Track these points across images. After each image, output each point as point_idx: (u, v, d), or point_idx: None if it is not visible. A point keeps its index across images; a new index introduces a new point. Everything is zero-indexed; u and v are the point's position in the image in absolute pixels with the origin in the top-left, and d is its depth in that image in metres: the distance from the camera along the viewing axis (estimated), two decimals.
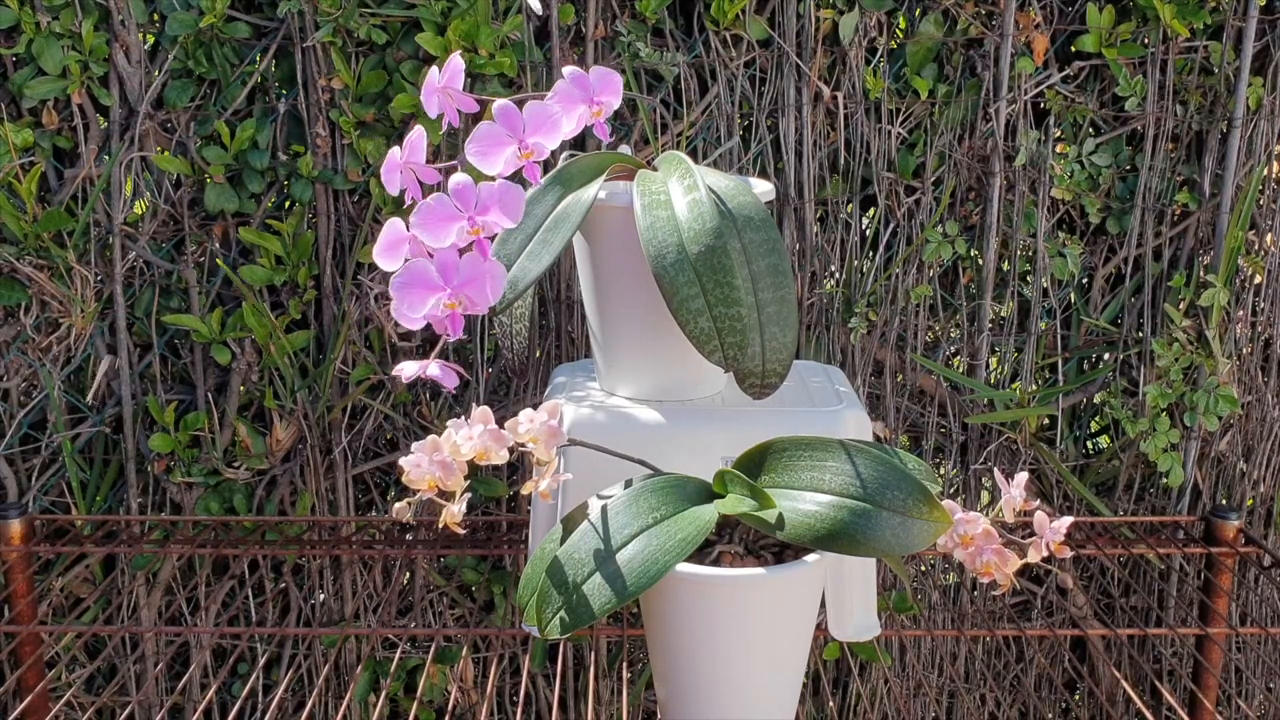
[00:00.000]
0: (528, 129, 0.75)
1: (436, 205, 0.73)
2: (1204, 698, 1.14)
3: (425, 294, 0.73)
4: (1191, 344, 1.22)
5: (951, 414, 1.28)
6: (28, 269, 1.15)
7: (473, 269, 0.73)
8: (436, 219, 0.73)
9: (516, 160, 0.75)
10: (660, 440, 0.83)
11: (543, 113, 0.75)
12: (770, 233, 0.78)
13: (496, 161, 0.75)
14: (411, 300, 0.73)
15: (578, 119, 0.77)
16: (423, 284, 0.73)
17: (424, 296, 0.73)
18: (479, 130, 0.74)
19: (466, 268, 0.73)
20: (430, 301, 0.73)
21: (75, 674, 1.30)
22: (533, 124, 0.75)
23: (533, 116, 0.75)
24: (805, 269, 1.22)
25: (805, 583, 0.73)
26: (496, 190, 0.73)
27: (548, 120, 0.76)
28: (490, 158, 0.75)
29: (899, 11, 1.19)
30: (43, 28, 1.11)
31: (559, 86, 0.77)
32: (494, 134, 0.75)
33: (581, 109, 0.78)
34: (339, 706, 1.34)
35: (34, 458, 1.23)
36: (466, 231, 0.73)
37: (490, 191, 0.73)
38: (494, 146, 0.75)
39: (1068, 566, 1.32)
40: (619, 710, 1.33)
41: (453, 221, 0.73)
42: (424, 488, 0.67)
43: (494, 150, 0.75)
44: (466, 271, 0.73)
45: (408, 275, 0.73)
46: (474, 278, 0.73)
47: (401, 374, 0.74)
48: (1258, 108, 1.20)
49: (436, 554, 1.20)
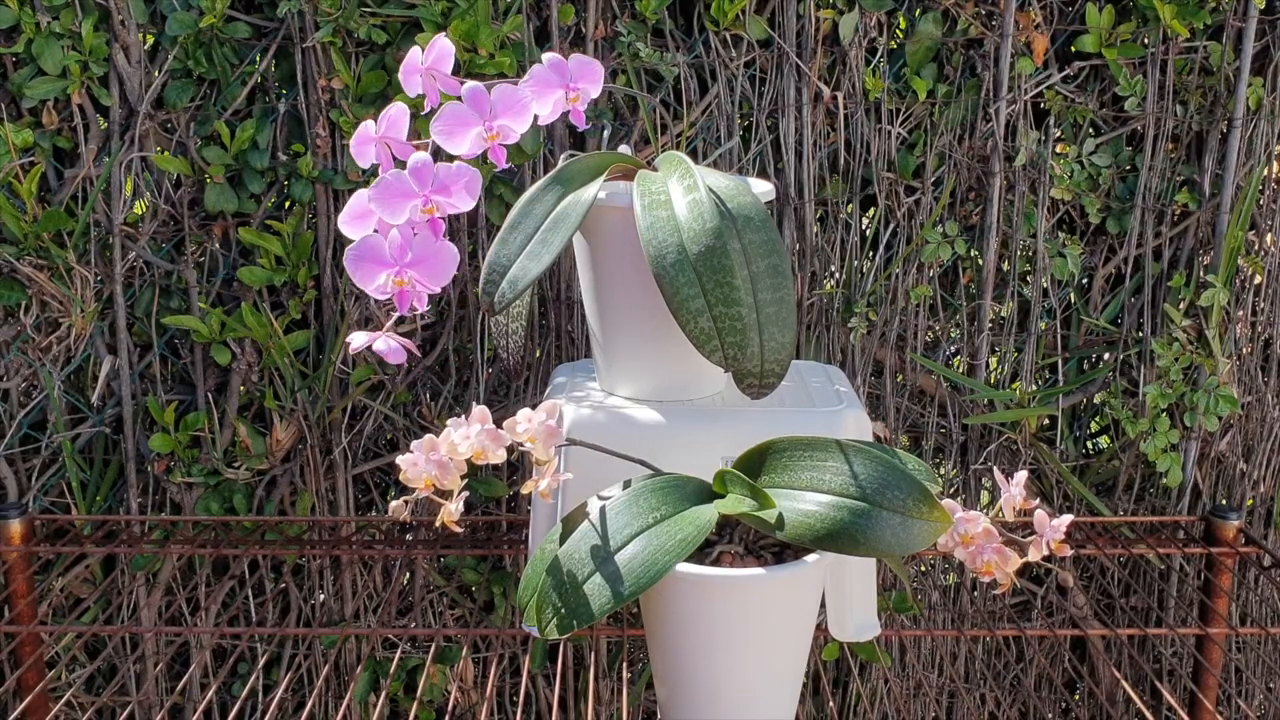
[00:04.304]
0: (495, 111, 0.75)
1: (394, 181, 0.73)
2: (1204, 698, 1.14)
3: (376, 269, 0.73)
4: (1191, 344, 1.22)
5: (951, 414, 1.28)
6: (28, 269, 1.15)
7: (425, 248, 0.73)
8: (392, 195, 0.73)
9: (482, 141, 0.74)
10: (660, 440, 0.83)
11: (511, 95, 0.75)
12: (770, 233, 0.78)
13: (462, 142, 0.75)
14: (362, 274, 0.74)
15: (553, 104, 0.77)
16: (374, 259, 0.73)
17: (374, 271, 0.73)
18: (445, 109, 0.74)
19: (419, 247, 0.73)
20: (380, 277, 0.73)
21: (75, 674, 1.30)
22: (501, 106, 0.75)
23: (501, 99, 0.75)
24: (805, 269, 1.22)
25: (805, 583, 0.73)
26: (455, 171, 0.73)
27: (516, 103, 0.75)
28: (455, 138, 0.75)
29: (899, 11, 1.19)
30: (43, 28, 1.11)
31: (535, 70, 0.77)
32: (460, 114, 0.74)
33: (558, 94, 0.77)
34: (339, 707, 1.34)
35: (34, 458, 1.24)
36: (420, 210, 0.73)
37: (449, 172, 0.73)
38: (459, 126, 0.74)
39: (1068, 566, 1.32)
40: (619, 710, 1.33)
41: (408, 199, 0.73)
42: (421, 487, 0.67)
43: (459, 130, 0.75)
44: (418, 251, 0.73)
45: (361, 248, 0.73)
46: (425, 257, 0.73)
47: (351, 343, 0.74)
48: (1258, 108, 1.20)
49: (436, 554, 1.20)
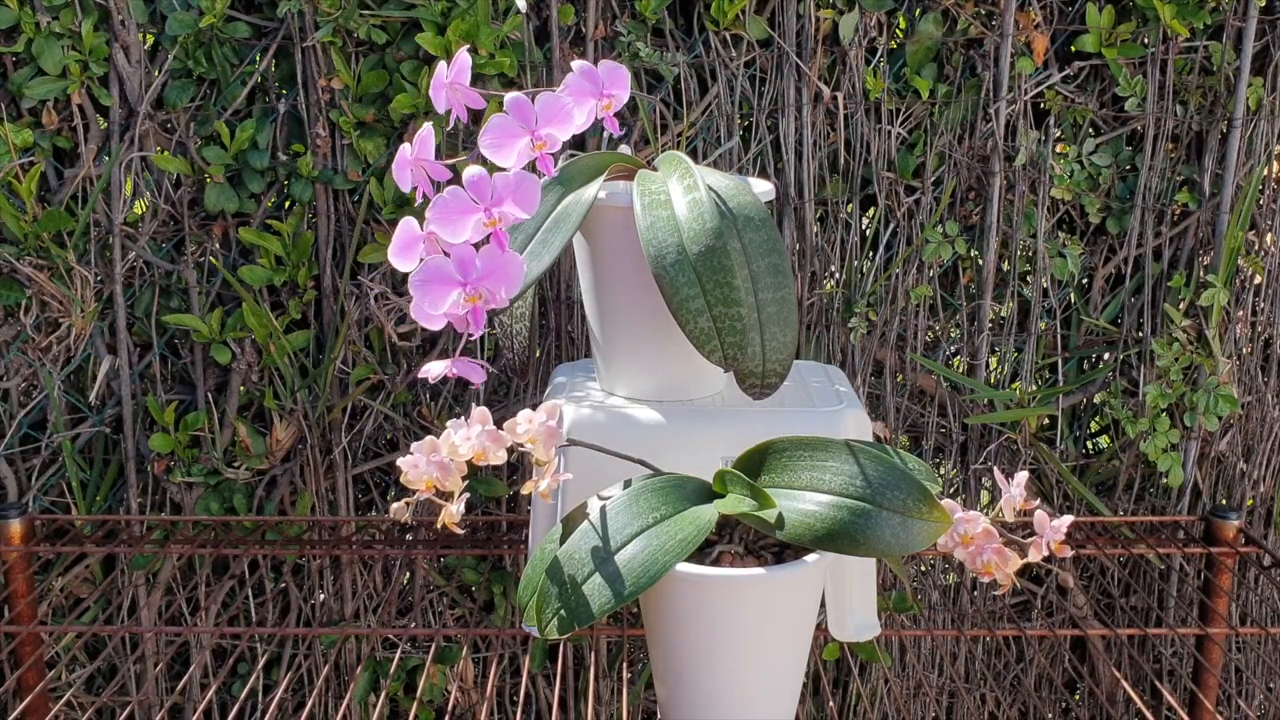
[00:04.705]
0: (540, 121, 0.75)
1: (452, 199, 0.72)
2: (1204, 698, 1.14)
3: (445, 290, 0.72)
4: (1191, 344, 1.22)
5: (951, 414, 1.28)
6: (28, 269, 1.15)
7: (491, 262, 0.72)
8: (453, 212, 0.72)
9: (529, 152, 0.74)
10: (660, 440, 0.83)
11: (555, 104, 0.75)
12: (770, 233, 0.78)
13: (510, 153, 0.74)
14: (432, 297, 0.72)
15: (589, 112, 0.77)
16: (442, 280, 0.72)
17: (444, 293, 0.72)
18: (492, 122, 0.74)
19: (485, 261, 0.72)
20: (451, 297, 0.72)
21: (75, 674, 1.30)
22: (545, 116, 0.75)
23: (545, 108, 0.75)
24: (805, 269, 1.22)
25: (805, 583, 0.73)
26: (512, 181, 0.72)
27: (560, 111, 0.75)
28: (504, 150, 0.74)
29: (899, 11, 1.19)
30: (43, 28, 1.11)
31: (570, 80, 0.77)
32: (506, 126, 0.74)
33: (592, 102, 0.78)
34: (339, 706, 1.34)
35: (34, 458, 1.23)
36: (484, 224, 0.72)
37: (506, 182, 0.72)
38: (507, 138, 0.74)
39: (1068, 566, 1.32)
40: (619, 710, 1.33)
41: (469, 214, 0.72)
42: (422, 488, 0.67)
43: (507, 142, 0.74)
44: (485, 265, 0.72)
45: (426, 272, 0.72)
46: (493, 270, 0.72)
47: (429, 374, 0.73)
48: (1258, 108, 1.20)
49: (436, 554, 1.20)
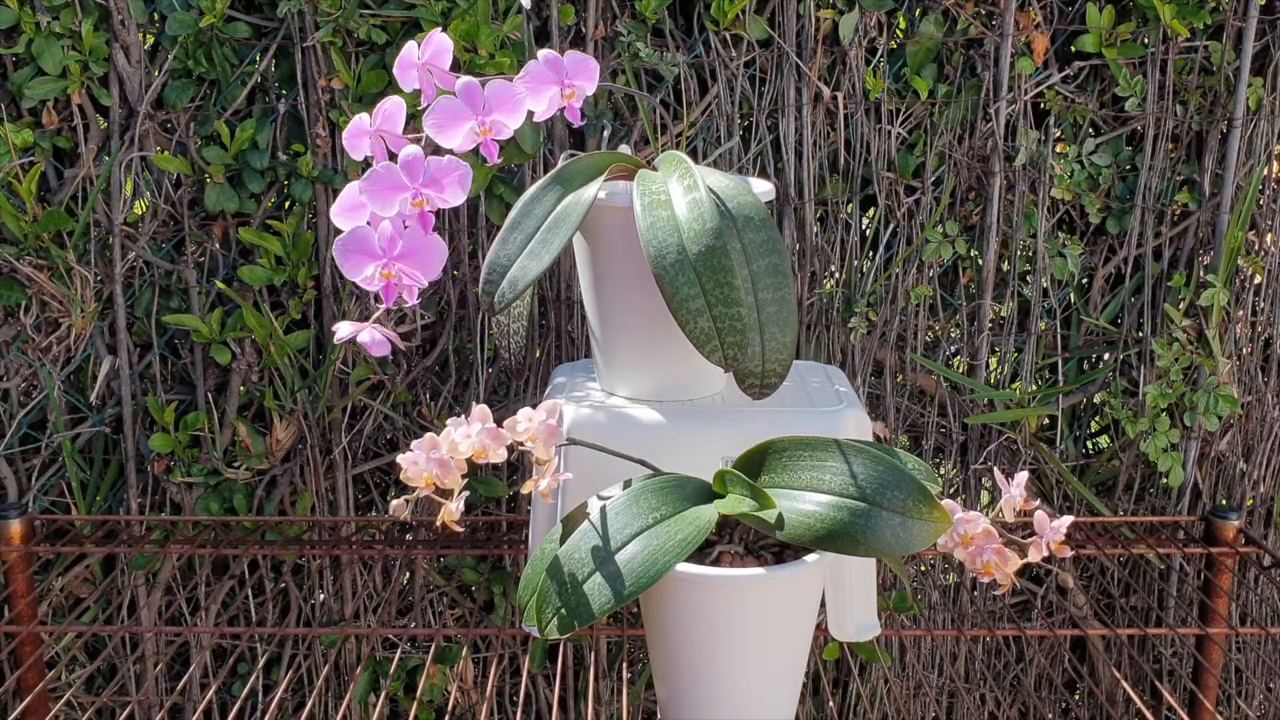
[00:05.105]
0: (489, 106, 0.75)
1: (385, 174, 0.73)
2: (1204, 698, 1.14)
3: (364, 260, 0.73)
4: (1191, 344, 1.22)
5: (951, 414, 1.28)
6: (28, 269, 1.15)
7: (414, 242, 0.73)
8: (383, 187, 0.73)
9: (475, 136, 0.74)
10: (660, 440, 0.83)
11: (505, 91, 0.75)
12: (770, 233, 0.78)
13: (454, 136, 0.75)
14: (351, 265, 0.73)
15: (548, 100, 0.77)
16: (363, 250, 0.73)
17: (363, 263, 0.73)
18: (438, 103, 0.74)
19: (408, 240, 0.73)
20: (368, 269, 0.73)
21: (75, 674, 1.30)
22: (494, 101, 0.75)
23: (495, 94, 0.75)
24: (805, 269, 1.22)
25: (805, 583, 0.73)
26: (445, 165, 0.73)
27: (510, 99, 0.75)
28: (448, 131, 0.75)
29: (899, 11, 1.19)
30: (43, 28, 1.11)
31: (530, 67, 0.77)
32: (453, 108, 0.74)
33: (553, 90, 0.77)
34: (339, 706, 1.34)
35: (34, 458, 1.23)
36: (410, 203, 0.73)
37: (440, 166, 0.73)
38: (452, 120, 0.74)
39: (1068, 566, 1.32)
40: (619, 710, 1.33)
41: (399, 191, 0.73)
42: (422, 485, 0.67)
43: (452, 124, 0.75)
44: (407, 243, 0.73)
45: (349, 240, 0.73)
46: (414, 250, 0.73)
47: (337, 334, 0.74)
48: (1258, 108, 1.20)
49: (436, 554, 1.20)
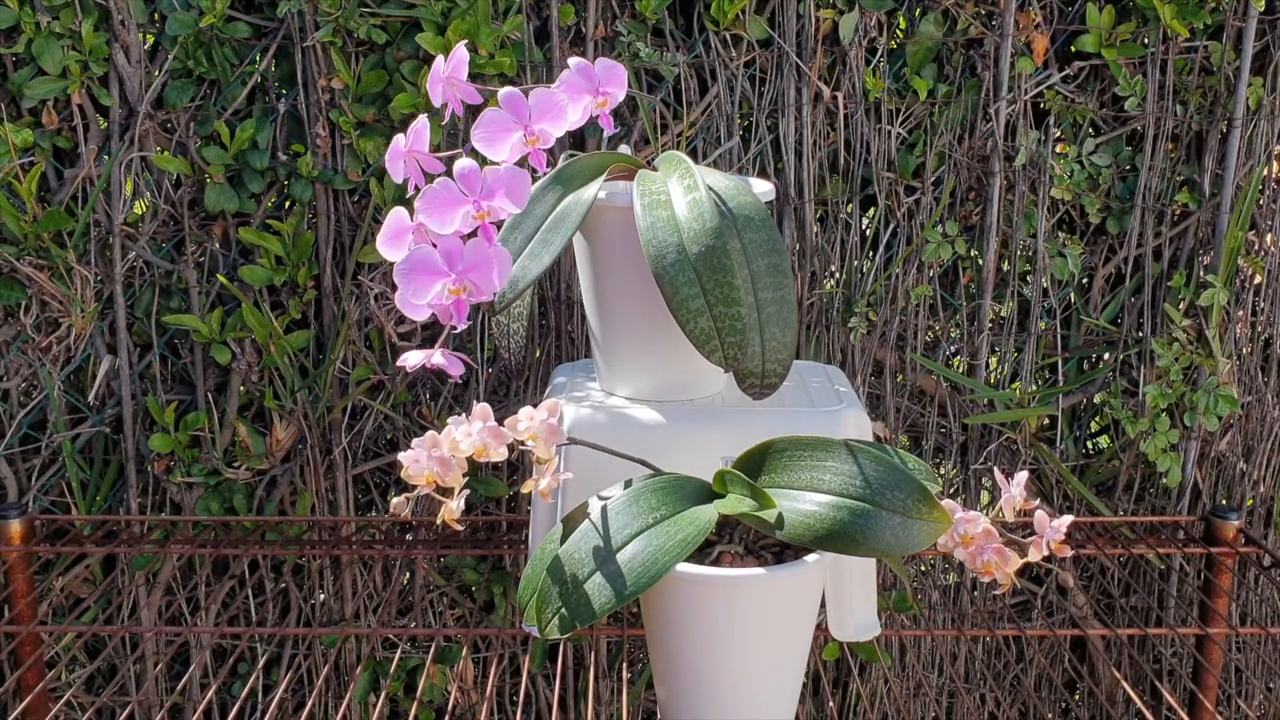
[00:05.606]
0: (534, 116, 0.75)
1: (442, 190, 0.72)
2: (1204, 698, 1.14)
3: (430, 280, 0.72)
4: (1191, 344, 1.22)
5: (951, 414, 1.28)
6: (28, 269, 1.15)
7: (478, 254, 0.73)
8: (442, 204, 0.72)
9: (522, 146, 0.75)
10: (660, 440, 0.83)
11: (549, 99, 0.76)
12: (770, 233, 0.78)
13: (503, 148, 0.75)
14: (416, 286, 0.72)
15: (583, 109, 0.78)
16: (427, 270, 0.72)
17: (428, 283, 0.72)
18: (485, 116, 0.74)
19: (471, 253, 0.73)
20: (435, 288, 0.72)
21: (75, 674, 1.30)
22: (539, 111, 0.75)
23: (539, 103, 0.75)
24: (805, 269, 1.22)
25: (805, 583, 0.73)
26: (503, 175, 0.72)
27: (554, 107, 0.76)
28: (496, 144, 0.75)
29: (899, 11, 1.19)
30: (43, 28, 1.11)
31: (565, 76, 0.77)
32: (500, 120, 0.75)
33: (587, 99, 0.78)
34: (339, 706, 1.34)
35: (34, 458, 1.23)
36: (472, 216, 0.72)
37: (496, 176, 0.72)
38: (500, 132, 0.75)
39: (1068, 566, 1.32)
40: (619, 710, 1.33)
41: (458, 206, 0.72)
42: (422, 483, 0.67)
43: (500, 136, 0.75)
44: (471, 257, 0.72)
45: (412, 261, 0.72)
46: (479, 263, 0.73)
47: (406, 363, 0.73)
48: (1258, 108, 1.20)
49: (436, 554, 1.20)
